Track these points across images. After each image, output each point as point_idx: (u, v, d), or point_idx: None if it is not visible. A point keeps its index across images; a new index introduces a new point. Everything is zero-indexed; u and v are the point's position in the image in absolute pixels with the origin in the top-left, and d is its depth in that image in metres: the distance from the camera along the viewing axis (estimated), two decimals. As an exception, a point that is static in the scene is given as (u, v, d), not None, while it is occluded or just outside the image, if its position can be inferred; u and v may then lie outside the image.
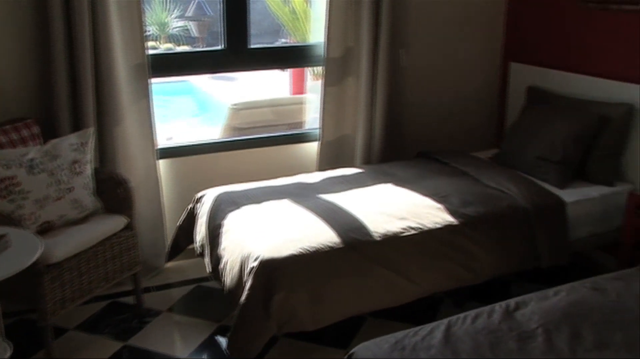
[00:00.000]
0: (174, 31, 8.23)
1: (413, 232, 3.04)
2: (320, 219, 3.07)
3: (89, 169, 3.20)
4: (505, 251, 3.24)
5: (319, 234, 2.94)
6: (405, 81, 4.32)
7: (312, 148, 4.21)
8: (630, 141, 3.72)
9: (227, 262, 3.03)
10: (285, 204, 3.29)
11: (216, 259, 3.16)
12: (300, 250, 2.83)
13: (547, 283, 3.70)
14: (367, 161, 4.15)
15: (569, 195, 3.53)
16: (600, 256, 3.96)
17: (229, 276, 2.99)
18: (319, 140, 4.12)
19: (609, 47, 3.88)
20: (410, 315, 3.32)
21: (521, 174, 3.76)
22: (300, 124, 4.71)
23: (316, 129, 4.17)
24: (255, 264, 2.79)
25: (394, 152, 4.29)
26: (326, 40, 3.94)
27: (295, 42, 6.11)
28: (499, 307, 2.23)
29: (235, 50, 3.94)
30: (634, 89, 3.67)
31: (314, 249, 2.84)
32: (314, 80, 5.61)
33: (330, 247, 2.87)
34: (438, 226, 3.10)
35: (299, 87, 6.09)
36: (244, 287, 2.81)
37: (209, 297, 3.67)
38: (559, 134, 3.73)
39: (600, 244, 3.74)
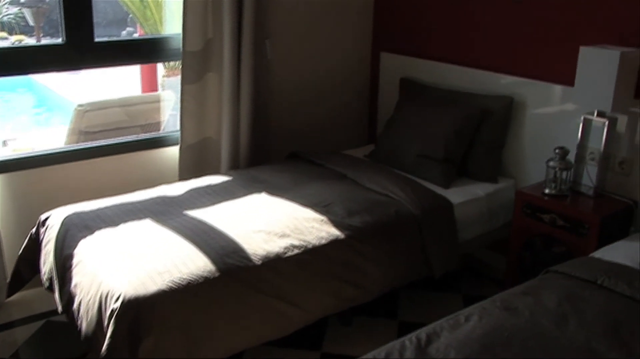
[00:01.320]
0: (6, 19, 7.32)
1: (297, 251, 2.69)
2: (190, 243, 2.65)
3: None
4: (396, 262, 2.97)
5: (190, 262, 2.51)
6: (272, 75, 3.95)
7: (171, 154, 3.74)
8: (510, 135, 3.61)
9: (81, 303, 2.53)
10: (147, 225, 2.82)
11: (68, 298, 2.65)
12: (170, 284, 2.40)
13: (435, 289, 3.59)
14: (234, 166, 3.75)
15: (455, 195, 3.34)
16: (486, 255, 3.85)
17: (84, 320, 2.49)
18: (179, 144, 3.67)
19: (483, 38, 3.74)
20: (295, 340, 3.01)
21: (403, 174, 3.54)
22: (156, 126, 4.23)
23: (175, 131, 3.71)
24: (117, 305, 2.32)
25: (262, 153, 3.93)
26: (183, 32, 3.49)
27: (148, 35, 5.54)
28: (409, 342, 1.95)
29: (79, 45, 3.36)
30: (511, 81, 3.56)
31: (186, 282, 2.42)
32: (167, 76, 5.12)
33: (204, 277, 2.46)
34: (323, 241, 2.77)
35: (150, 83, 5.54)
36: (104, 334, 2.34)
37: (63, 333, 3.11)
38: (440, 130, 3.54)
39: (486, 243, 3.60)
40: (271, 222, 2.84)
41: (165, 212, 2.96)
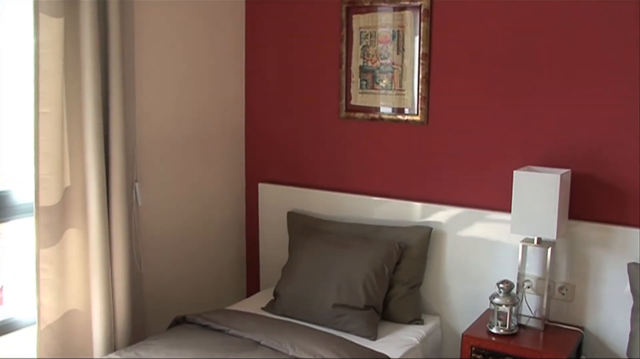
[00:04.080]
0: None
1: None
2: None
3: None
4: None
5: None
6: (143, 224, 3.26)
7: (24, 338, 2.85)
8: (430, 268, 3.26)
9: None
10: None
11: None
12: None
13: None
14: (111, 346, 2.94)
15: (390, 347, 2.86)
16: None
17: None
18: (35, 325, 2.79)
19: (373, 162, 3.43)
20: None
21: (320, 329, 3.01)
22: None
23: (27, 311, 2.84)
24: None
25: (139, 320, 3.17)
26: (36, 183, 2.71)
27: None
28: None
29: None
30: (426, 209, 3.25)
31: None
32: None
33: None
34: None
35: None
36: None
37: None
38: (358, 272, 3.07)
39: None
40: None
41: None
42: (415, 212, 3.28)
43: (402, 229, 3.25)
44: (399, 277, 3.17)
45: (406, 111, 3.29)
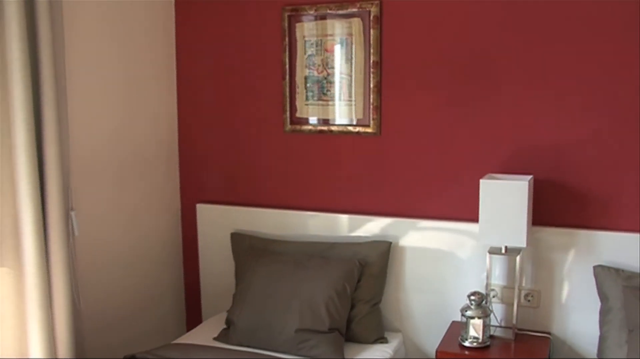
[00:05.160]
0: None
1: None
2: None
3: None
4: None
5: None
6: (79, 256, 2.93)
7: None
8: (390, 283, 3.14)
9: None
10: None
11: None
12: None
13: None
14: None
15: (359, 370, 2.75)
16: None
17: None
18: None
19: (324, 177, 3.28)
20: None
21: (286, 358, 2.81)
22: None
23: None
24: None
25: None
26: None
27: None
28: None
29: None
30: (383, 223, 3.13)
31: None
32: None
33: None
34: None
35: None
36: None
37: None
38: (319, 293, 2.91)
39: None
40: None
41: None
42: (372, 226, 3.15)
43: (359, 245, 3.12)
44: (360, 295, 3.03)
45: (357, 122, 3.16)
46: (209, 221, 3.48)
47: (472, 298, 2.78)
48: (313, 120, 3.25)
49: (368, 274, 3.05)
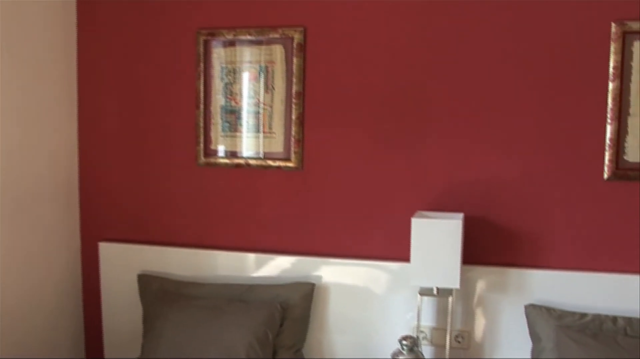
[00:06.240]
0: None
1: None
2: None
3: None
4: None
5: None
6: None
7: None
8: (311, 327, 2.95)
9: None
10: None
11: None
12: None
13: None
14: None
15: None
16: None
17: None
18: None
19: (241, 214, 3.06)
20: None
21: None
22: None
23: None
24: None
25: None
26: None
27: None
28: None
29: None
30: (305, 262, 2.95)
31: None
32: None
33: None
34: None
35: None
36: None
37: None
38: (239, 342, 2.67)
39: None
40: None
41: None
42: (294, 267, 2.95)
43: (280, 287, 2.91)
44: (282, 341, 2.81)
45: (277, 155, 2.97)
46: (113, 261, 3.16)
47: (404, 342, 2.62)
48: (229, 153, 3.02)
49: (290, 318, 2.84)
